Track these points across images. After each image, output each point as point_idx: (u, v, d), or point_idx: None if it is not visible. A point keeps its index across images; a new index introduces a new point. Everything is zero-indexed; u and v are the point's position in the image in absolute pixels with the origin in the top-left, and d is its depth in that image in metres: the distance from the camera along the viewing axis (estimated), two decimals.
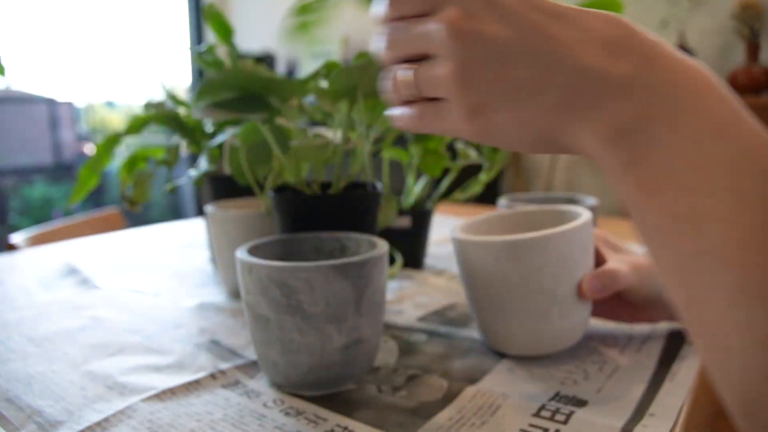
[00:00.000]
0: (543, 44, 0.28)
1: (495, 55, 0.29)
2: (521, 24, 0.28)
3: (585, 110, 0.28)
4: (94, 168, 0.74)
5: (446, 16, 0.29)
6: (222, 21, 0.81)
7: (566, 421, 0.41)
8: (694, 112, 0.26)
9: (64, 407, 0.44)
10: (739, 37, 2.08)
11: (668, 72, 0.27)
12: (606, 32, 0.28)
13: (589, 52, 0.28)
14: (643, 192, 0.27)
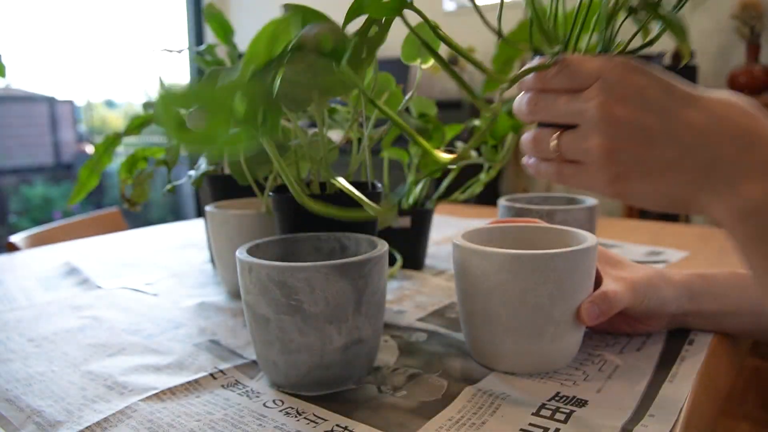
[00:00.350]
0: (681, 130, 0.33)
1: (639, 136, 0.34)
2: (662, 112, 0.34)
3: (716, 192, 0.33)
4: (94, 168, 0.74)
5: (601, 98, 0.35)
6: (222, 21, 0.81)
7: (566, 421, 0.41)
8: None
9: (64, 407, 0.44)
10: (739, 37, 2.08)
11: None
12: (736, 121, 0.33)
13: (722, 141, 0.33)
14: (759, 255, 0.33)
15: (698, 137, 0.33)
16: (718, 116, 0.34)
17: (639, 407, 0.43)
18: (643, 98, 0.34)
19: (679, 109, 0.34)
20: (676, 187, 0.35)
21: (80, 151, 3.44)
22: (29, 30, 2.97)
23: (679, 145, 0.34)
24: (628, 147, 0.35)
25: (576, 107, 0.36)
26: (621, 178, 0.36)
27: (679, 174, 0.34)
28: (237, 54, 0.82)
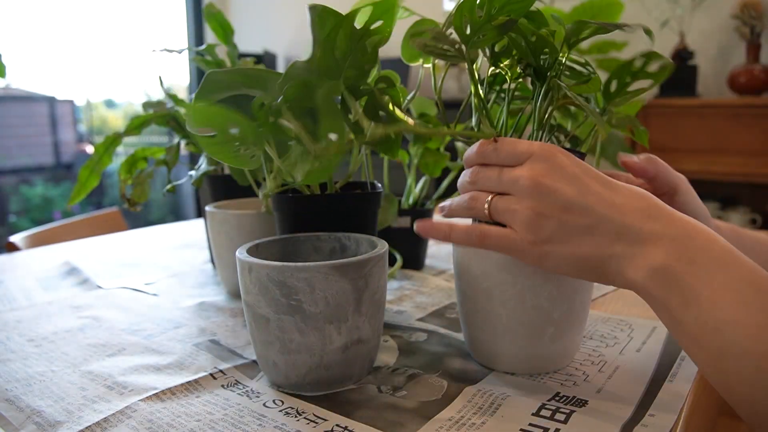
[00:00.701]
0: (595, 202, 0.39)
1: (560, 204, 0.40)
2: (582, 186, 0.40)
3: (625, 256, 0.39)
4: (94, 168, 0.74)
5: (531, 171, 0.41)
6: (222, 21, 0.81)
7: (566, 421, 0.41)
8: (707, 251, 0.37)
9: (63, 407, 0.44)
10: (739, 37, 2.08)
11: (686, 228, 0.38)
12: (642, 202, 0.40)
13: (628, 212, 0.39)
14: (677, 312, 0.37)
15: (608, 208, 0.39)
16: (624, 194, 0.40)
17: (639, 407, 0.43)
18: (564, 173, 0.40)
19: (594, 186, 0.40)
20: (591, 251, 0.40)
21: (80, 151, 3.43)
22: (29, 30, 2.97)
23: (593, 214, 0.39)
24: (551, 213, 0.40)
25: (511, 177, 0.42)
26: (543, 241, 0.41)
27: (593, 239, 0.39)
28: (237, 54, 0.82)
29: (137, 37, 3.42)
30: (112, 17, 3.32)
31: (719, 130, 2.00)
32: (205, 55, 0.82)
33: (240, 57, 0.83)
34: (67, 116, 3.41)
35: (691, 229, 0.38)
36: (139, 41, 3.39)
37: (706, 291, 0.36)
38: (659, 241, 0.38)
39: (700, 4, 2.16)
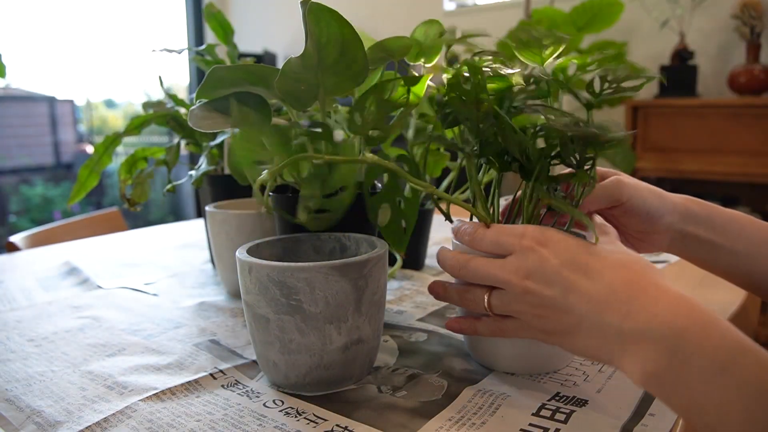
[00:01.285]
0: (577, 301, 0.39)
1: (548, 305, 0.40)
2: (563, 284, 0.40)
3: (616, 354, 0.38)
4: (93, 168, 0.74)
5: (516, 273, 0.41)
6: (222, 21, 0.81)
7: (566, 421, 0.41)
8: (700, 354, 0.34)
9: (63, 407, 0.44)
10: (739, 37, 2.08)
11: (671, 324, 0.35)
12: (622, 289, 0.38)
13: (608, 310, 0.38)
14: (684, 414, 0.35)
15: (587, 305, 0.39)
16: (605, 285, 0.39)
17: (639, 407, 0.43)
18: (544, 272, 0.40)
19: (572, 280, 0.39)
20: (586, 348, 0.40)
21: (80, 151, 3.43)
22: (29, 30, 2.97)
23: (576, 314, 0.39)
24: (544, 312, 0.41)
25: (499, 277, 0.42)
26: (551, 334, 0.42)
27: (583, 337, 0.40)
28: (237, 54, 0.82)
29: (137, 37, 3.42)
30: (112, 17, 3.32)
31: (719, 130, 2.00)
32: (205, 55, 0.82)
33: (240, 57, 0.83)
34: (67, 116, 3.41)
35: (679, 324, 0.35)
36: (139, 41, 3.39)
37: (706, 400, 0.33)
38: (643, 342, 0.36)
39: (700, 4, 2.16)
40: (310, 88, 0.47)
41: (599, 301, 0.38)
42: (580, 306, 0.39)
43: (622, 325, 0.37)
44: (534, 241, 0.42)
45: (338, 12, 0.42)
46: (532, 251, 0.41)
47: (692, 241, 0.54)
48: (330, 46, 0.43)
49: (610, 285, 0.39)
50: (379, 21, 3.09)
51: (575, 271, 0.40)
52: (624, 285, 0.38)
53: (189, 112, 0.50)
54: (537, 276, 0.40)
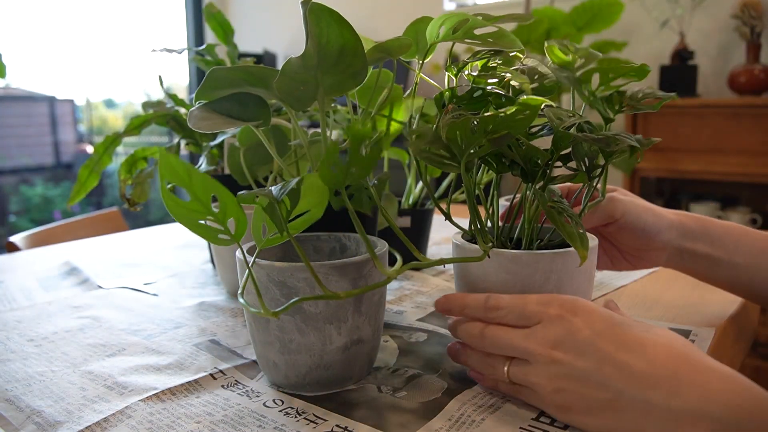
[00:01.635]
0: (612, 375, 0.36)
1: (577, 377, 0.37)
2: (597, 356, 0.36)
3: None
4: (93, 168, 0.74)
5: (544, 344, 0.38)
6: (222, 21, 0.81)
7: (566, 428, 0.40)
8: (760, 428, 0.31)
9: (63, 407, 0.44)
10: (739, 37, 2.08)
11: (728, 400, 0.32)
12: (667, 364, 0.35)
13: (653, 385, 0.34)
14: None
15: (627, 381, 0.35)
16: (644, 356, 0.36)
17: None
18: (575, 342, 0.38)
19: (609, 352, 0.36)
20: (616, 425, 0.36)
21: (80, 151, 3.43)
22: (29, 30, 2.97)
23: (612, 389, 0.36)
24: (569, 386, 0.38)
25: (522, 348, 0.40)
26: (567, 410, 0.39)
27: (617, 414, 0.36)
28: (237, 54, 0.82)
29: (137, 37, 3.42)
30: (112, 17, 3.32)
31: (719, 130, 2.00)
32: (205, 55, 0.82)
33: (240, 57, 0.83)
34: (67, 116, 3.41)
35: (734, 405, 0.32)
36: (139, 41, 3.38)
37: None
38: (699, 423, 0.33)
39: (700, 4, 2.16)
40: (309, 88, 0.47)
41: (642, 376, 0.35)
42: (617, 381, 0.35)
43: (671, 403, 0.34)
44: (563, 309, 0.39)
45: (339, 12, 0.42)
46: (562, 319, 0.39)
47: (690, 257, 0.55)
48: (330, 47, 0.43)
49: (654, 360, 0.35)
50: (379, 21, 3.09)
51: (612, 341, 0.37)
52: (668, 360, 0.35)
53: (188, 113, 0.50)
54: (567, 346, 0.38)
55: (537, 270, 0.45)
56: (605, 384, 0.36)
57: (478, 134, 0.42)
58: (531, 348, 0.39)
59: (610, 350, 0.36)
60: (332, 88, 0.47)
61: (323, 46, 0.43)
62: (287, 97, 0.48)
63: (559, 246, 0.47)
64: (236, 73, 0.48)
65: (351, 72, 0.46)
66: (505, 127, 0.42)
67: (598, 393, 0.36)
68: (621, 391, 0.35)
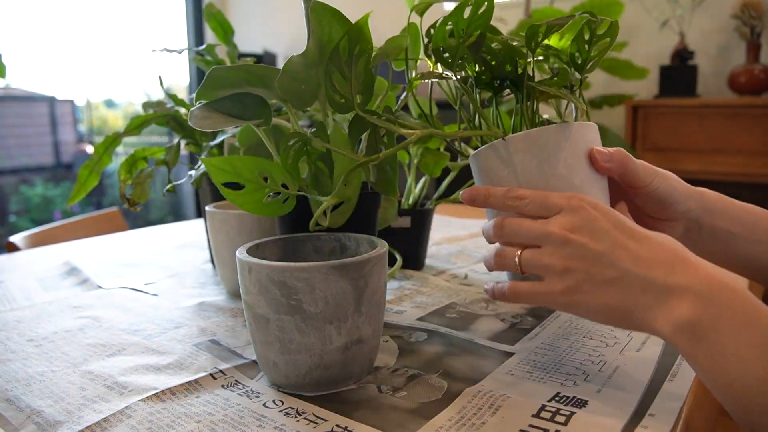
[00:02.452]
0: (623, 256, 0.41)
1: (589, 258, 0.42)
2: (610, 241, 0.42)
3: (652, 306, 0.40)
4: (93, 168, 0.74)
5: (562, 226, 0.43)
6: (222, 21, 0.81)
7: (566, 422, 0.40)
8: (731, 308, 0.38)
9: (63, 407, 0.44)
10: (739, 37, 2.08)
11: (710, 283, 0.39)
12: (667, 255, 0.41)
13: (654, 267, 0.40)
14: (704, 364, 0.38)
15: (634, 262, 0.41)
16: (650, 246, 0.42)
17: (639, 407, 0.43)
18: (593, 228, 0.42)
19: (621, 239, 0.42)
20: (618, 302, 0.41)
21: (80, 151, 3.43)
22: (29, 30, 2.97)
23: (619, 268, 0.41)
24: (580, 265, 0.42)
25: (543, 231, 0.44)
26: (573, 290, 0.43)
27: (619, 291, 0.41)
28: (237, 54, 0.82)
29: (137, 37, 3.42)
30: (112, 17, 3.32)
31: (719, 130, 2.00)
32: (205, 55, 0.82)
33: (240, 57, 0.83)
34: (67, 116, 3.41)
35: (715, 285, 0.39)
36: (139, 41, 3.38)
37: (732, 347, 0.37)
38: (683, 294, 0.39)
39: (700, 4, 2.16)
40: (311, 87, 0.47)
41: (646, 258, 0.41)
42: (625, 262, 0.41)
43: (667, 280, 0.40)
44: (584, 201, 0.43)
45: (340, 11, 0.42)
46: (583, 209, 0.43)
47: (709, 233, 0.54)
48: (331, 45, 0.43)
49: (656, 249, 0.41)
50: (379, 21, 3.09)
51: (623, 232, 0.42)
52: (667, 252, 0.41)
53: (189, 113, 0.50)
54: (585, 230, 0.42)
55: (549, 144, 0.46)
56: (615, 264, 0.41)
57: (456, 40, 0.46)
58: (549, 229, 0.43)
59: (621, 237, 0.42)
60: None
61: (325, 45, 0.43)
62: (289, 95, 0.48)
63: None
64: (237, 72, 0.48)
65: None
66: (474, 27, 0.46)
67: (606, 271, 0.41)
68: (628, 270, 0.41)
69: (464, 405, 0.43)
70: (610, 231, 0.42)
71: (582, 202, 0.43)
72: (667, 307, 0.39)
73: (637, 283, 0.40)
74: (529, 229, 0.44)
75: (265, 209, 0.48)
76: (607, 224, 0.42)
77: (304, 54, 0.44)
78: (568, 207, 0.43)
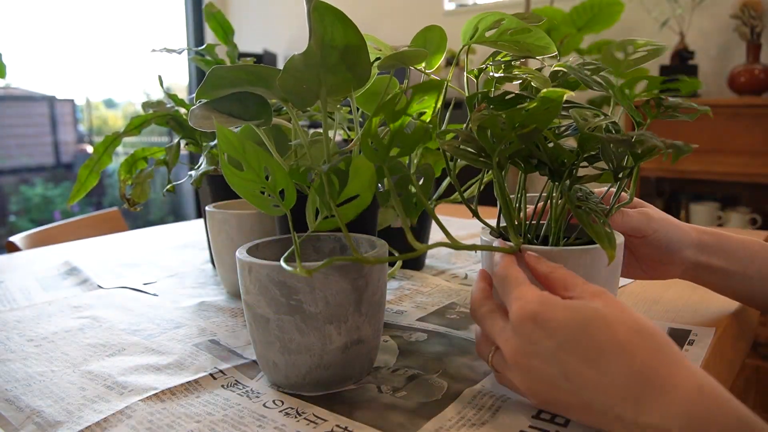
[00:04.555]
0: (582, 386, 0.37)
1: (547, 381, 0.38)
2: (561, 366, 0.37)
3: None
4: (93, 168, 0.74)
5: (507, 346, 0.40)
6: (222, 21, 0.81)
7: (566, 424, 0.40)
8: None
9: (63, 407, 0.44)
10: (739, 37, 2.08)
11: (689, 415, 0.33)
12: (631, 382, 0.35)
13: (619, 402, 0.35)
14: None
15: (595, 392, 0.36)
16: (607, 370, 0.36)
17: None
18: (537, 350, 0.38)
19: (572, 365, 0.37)
20: (595, 422, 0.38)
21: (80, 151, 3.43)
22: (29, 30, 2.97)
23: (582, 396, 0.37)
24: (541, 388, 0.39)
25: (497, 338, 0.41)
26: (547, 405, 0.40)
27: (591, 416, 0.37)
28: (237, 54, 0.82)
29: (137, 37, 3.42)
30: (112, 17, 3.32)
31: (719, 130, 2.00)
32: (205, 55, 0.82)
33: (240, 57, 0.83)
34: (67, 116, 3.41)
35: (695, 420, 0.33)
36: (139, 41, 3.38)
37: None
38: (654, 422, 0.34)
39: (700, 4, 2.16)
40: (311, 87, 0.47)
41: (607, 388, 0.36)
42: (585, 391, 0.37)
43: (638, 419, 0.35)
44: (527, 316, 0.39)
45: (342, 11, 0.42)
46: (523, 328, 0.39)
47: (705, 270, 0.56)
48: (334, 45, 0.43)
49: (614, 374, 0.36)
50: (379, 20, 3.09)
51: (574, 355, 0.37)
52: (628, 375, 0.35)
53: (189, 112, 0.50)
54: (530, 353, 0.38)
55: (566, 266, 0.44)
56: (575, 392, 0.37)
57: (506, 130, 0.43)
58: (504, 346, 0.40)
59: (573, 362, 0.37)
60: (335, 88, 0.47)
61: (326, 45, 0.43)
62: (290, 95, 0.48)
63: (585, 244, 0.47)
64: (237, 72, 0.48)
65: (354, 73, 0.46)
66: (532, 121, 0.42)
67: (570, 398, 0.38)
68: (592, 399, 0.37)
69: (464, 405, 0.43)
70: (556, 353, 0.37)
71: (525, 315, 0.38)
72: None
73: (605, 411, 0.36)
74: (491, 331, 0.42)
75: (253, 199, 0.46)
76: (552, 344, 0.37)
77: (306, 53, 0.44)
78: (514, 322, 0.39)
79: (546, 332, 0.38)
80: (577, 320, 0.37)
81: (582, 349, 0.37)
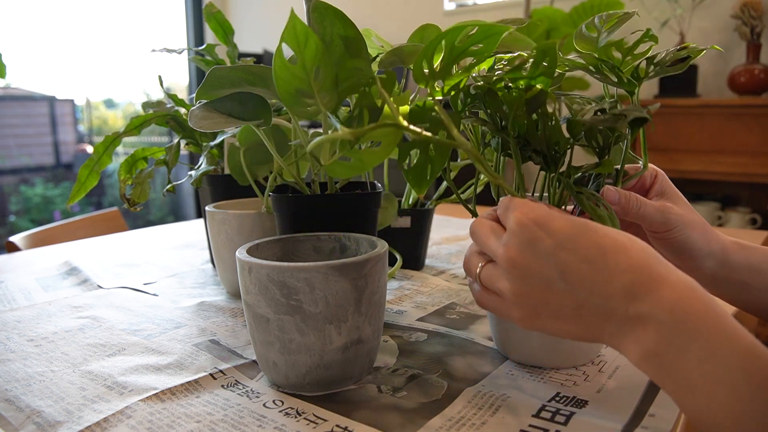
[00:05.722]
0: (577, 283, 0.37)
1: (541, 284, 0.38)
2: (559, 264, 0.38)
3: (616, 335, 0.37)
4: (93, 168, 0.74)
5: (505, 248, 0.39)
6: (222, 21, 0.81)
7: (566, 422, 0.40)
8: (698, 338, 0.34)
9: (63, 407, 0.44)
10: (739, 37, 2.08)
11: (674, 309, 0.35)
12: (626, 276, 0.37)
13: (613, 295, 0.37)
14: (674, 394, 0.35)
15: (590, 289, 0.37)
16: (605, 266, 0.37)
17: (639, 407, 0.43)
18: (536, 250, 0.38)
19: (571, 262, 0.38)
20: (582, 330, 0.38)
21: (80, 151, 3.43)
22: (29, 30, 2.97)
23: (576, 296, 0.38)
24: (533, 293, 0.39)
25: (493, 247, 0.41)
26: (532, 316, 0.40)
27: (581, 320, 0.38)
28: (237, 54, 0.82)
29: (137, 37, 3.42)
30: (112, 17, 3.32)
31: (719, 130, 2.00)
32: (204, 55, 0.82)
33: (240, 57, 0.83)
34: (67, 116, 3.41)
35: (680, 312, 0.35)
36: (139, 41, 3.38)
37: (700, 382, 0.34)
38: (647, 324, 0.36)
39: (700, 4, 2.16)
40: None
41: (603, 284, 0.37)
42: (580, 289, 0.37)
43: (628, 309, 0.36)
44: (529, 217, 0.39)
45: (341, 11, 0.42)
46: (525, 228, 0.39)
47: (722, 281, 0.52)
48: (333, 45, 0.43)
49: (612, 270, 0.37)
50: (379, 20, 3.09)
51: (572, 253, 0.38)
52: (625, 270, 0.37)
53: (189, 112, 0.50)
54: (528, 252, 0.38)
55: None
56: (570, 291, 0.38)
57: (515, 93, 0.44)
58: (498, 250, 0.40)
59: (571, 260, 0.38)
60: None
61: (327, 44, 0.43)
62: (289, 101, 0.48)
63: None
64: (237, 72, 0.48)
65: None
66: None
67: (563, 299, 0.38)
68: (585, 299, 0.37)
69: (464, 405, 0.43)
70: (556, 252, 0.38)
71: (526, 219, 0.39)
72: (632, 336, 0.36)
73: (598, 311, 0.37)
74: (485, 243, 0.41)
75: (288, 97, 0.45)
76: (552, 243, 0.38)
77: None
78: (514, 225, 0.39)
79: (547, 232, 0.38)
80: (577, 225, 0.39)
81: (582, 248, 0.38)
